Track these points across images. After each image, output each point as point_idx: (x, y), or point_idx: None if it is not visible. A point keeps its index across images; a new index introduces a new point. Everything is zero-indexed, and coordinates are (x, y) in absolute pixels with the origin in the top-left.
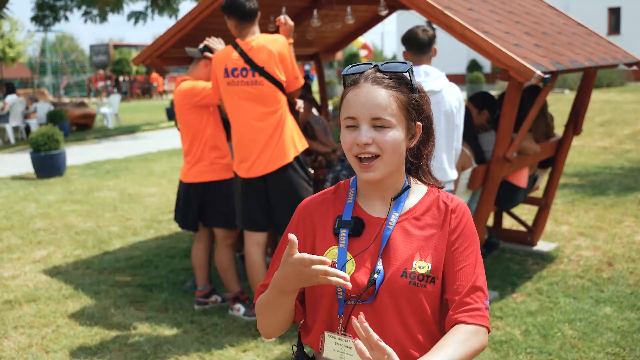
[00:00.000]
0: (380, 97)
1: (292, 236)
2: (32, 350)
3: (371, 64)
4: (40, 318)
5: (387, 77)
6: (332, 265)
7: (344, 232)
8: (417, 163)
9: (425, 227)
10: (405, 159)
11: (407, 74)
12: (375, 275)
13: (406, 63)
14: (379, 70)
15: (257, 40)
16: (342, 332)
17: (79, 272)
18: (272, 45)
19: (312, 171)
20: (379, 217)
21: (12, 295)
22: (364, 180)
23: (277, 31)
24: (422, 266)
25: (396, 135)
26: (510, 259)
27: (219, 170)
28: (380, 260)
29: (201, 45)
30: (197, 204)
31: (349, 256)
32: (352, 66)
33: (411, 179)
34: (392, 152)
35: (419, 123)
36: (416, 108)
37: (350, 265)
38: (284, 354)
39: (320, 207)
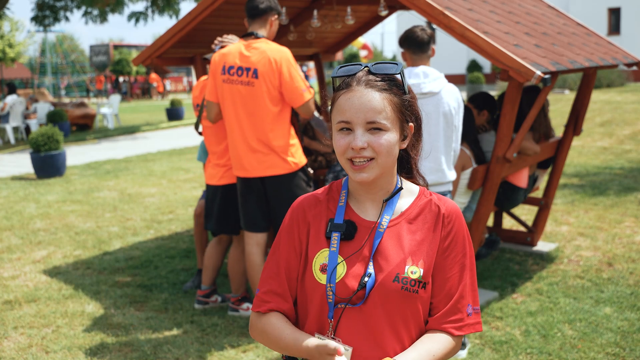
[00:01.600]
0: (375, 100)
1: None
2: (32, 351)
3: (361, 65)
4: (40, 318)
5: (379, 79)
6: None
7: (335, 236)
8: (408, 164)
9: (417, 231)
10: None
11: (398, 76)
12: (366, 279)
13: (397, 64)
14: (370, 72)
15: (260, 42)
16: (332, 336)
17: (79, 272)
18: (273, 53)
19: (311, 171)
20: (370, 220)
21: (12, 296)
22: (357, 181)
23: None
24: (414, 271)
25: (390, 138)
26: (510, 259)
27: None
28: (372, 264)
29: (216, 48)
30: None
31: (340, 259)
32: (341, 67)
33: (402, 180)
34: (386, 155)
35: (411, 124)
36: (409, 109)
37: (341, 269)
38: None
39: (314, 207)
